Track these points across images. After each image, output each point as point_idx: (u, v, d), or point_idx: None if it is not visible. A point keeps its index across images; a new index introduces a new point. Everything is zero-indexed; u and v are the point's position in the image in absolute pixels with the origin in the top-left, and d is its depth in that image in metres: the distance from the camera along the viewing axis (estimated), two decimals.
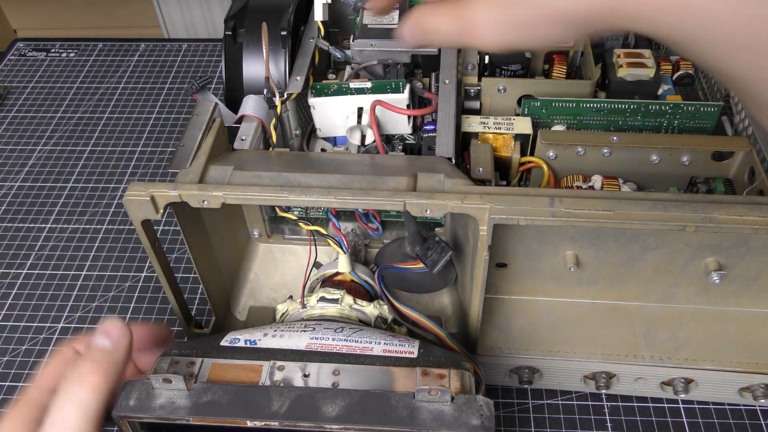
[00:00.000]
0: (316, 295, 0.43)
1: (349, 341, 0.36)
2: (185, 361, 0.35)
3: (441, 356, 0.35)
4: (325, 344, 0.36)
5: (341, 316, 0.42)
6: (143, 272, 0.59)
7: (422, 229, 0.50)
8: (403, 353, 0.35)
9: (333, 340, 0.36)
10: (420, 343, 0.37)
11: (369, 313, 0.43)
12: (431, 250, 0.45)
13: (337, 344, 0.36)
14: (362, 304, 0.43)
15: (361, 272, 0.47)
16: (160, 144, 0.72)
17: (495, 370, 0.47)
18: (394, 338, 0.37)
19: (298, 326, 0.38)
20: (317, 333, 0.37)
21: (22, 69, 0.83)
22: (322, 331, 0.37)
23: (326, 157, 0.47)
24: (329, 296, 0.43)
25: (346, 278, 0.46)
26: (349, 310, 0.42)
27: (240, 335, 0.37)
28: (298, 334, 0.37)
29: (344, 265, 0.46)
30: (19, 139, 0.74)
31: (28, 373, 0.52)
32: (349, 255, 0.46)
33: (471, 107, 0.53)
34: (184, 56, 0.84)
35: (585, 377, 0.47)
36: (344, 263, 0.46)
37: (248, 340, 0.37)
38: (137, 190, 0.38)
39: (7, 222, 0.65)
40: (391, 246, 0.50)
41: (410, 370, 0.34)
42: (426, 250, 0.46)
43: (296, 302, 0.43)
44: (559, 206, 0.37)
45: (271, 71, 0.51)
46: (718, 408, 0.48)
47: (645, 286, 0.45)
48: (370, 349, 0.36)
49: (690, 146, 0.46)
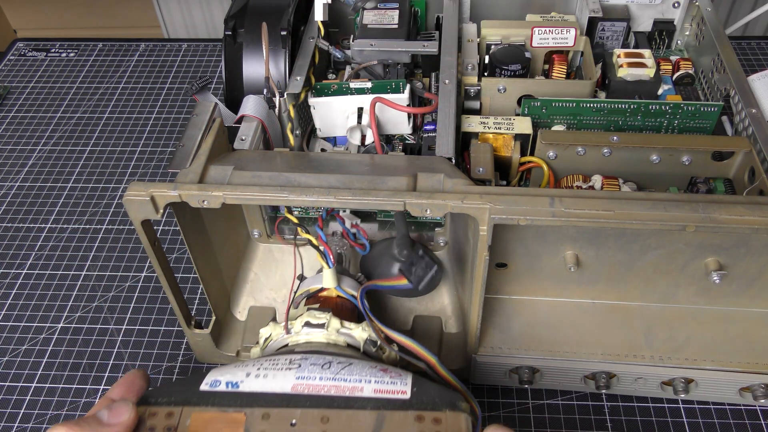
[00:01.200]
0: (301, 319, 0.40)
1: (338, 380, 0.34)
2: (163, 412, 0.32)
3: (435, 396, 0.33)
4: (312, 385, 0.33)
5: (328, 342, 0.40)
6: (143, 272, 0.59)
7: (422, 229, 0.50)
8: (396, 393, 0.33)
9: (320, 379, 0.34)
10: (412, 379, 0.34)
11: (357, 336, 0.40)
12: (415, 265, 0.44)
13: (325, 384, 0.33)
14: (350, 327, 0.40)
15: (347, 286, 0.44)
16: (160, 144, 0.72)
17: (495, 370, 0.47)
18: (385, 373, 0.35)
19: (282, 362, 0.35)
20: (303, 371, 0.34)
21: (22, 69, 0.83)
22: (308, 368, 0.35)
23: (326, 157, 0.47)
24: (315, 321, 0.40)
25: (332, 294, 0.44)
26: (336, 335, 0.40)
27: (221, 376, 0.34)
28: (283, 373, 0.34)
29: (329, 280, 0.44)
30: (19, 139, 0.74)
31: (28, 373, 0.52)
32: (335, 269, 0.44)
33: (471, 107, 0.53)
34: (184, 56, 0.84)
35: (585, 377, 0.47)
36: (329, 278, 0.44)
37: (230, 383, 0.34)
38: (137, 190, 0.38)
39: (7, 222, 0.65)
40: (379, 246, 0.49)
41: (404, 414, 0.32)
42: (410, 265, 0.44)
43: (280, 326, 0.41)
44: (559, 206, 0.37)
45: (271, 71, 0.51)
46: (718, 408, 0.48)
47: (645, 286, 0.45)
48: (360, 389, 0.33)
49: (690, 146, 0.46)
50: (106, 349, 0.54)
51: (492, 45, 0.56)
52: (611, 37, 0.60)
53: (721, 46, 0.53)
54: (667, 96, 0.53)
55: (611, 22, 0.59)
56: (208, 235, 0.46)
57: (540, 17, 0.60)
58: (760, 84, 0.50)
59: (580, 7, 0.61)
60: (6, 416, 0.50)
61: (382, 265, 0.48)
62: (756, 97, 0.49)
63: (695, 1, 0.59)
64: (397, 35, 0.54)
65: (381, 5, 0.56)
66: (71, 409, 0.50)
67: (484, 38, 0.57)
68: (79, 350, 0.54)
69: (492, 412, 0.48)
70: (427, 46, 0.52)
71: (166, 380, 0.51)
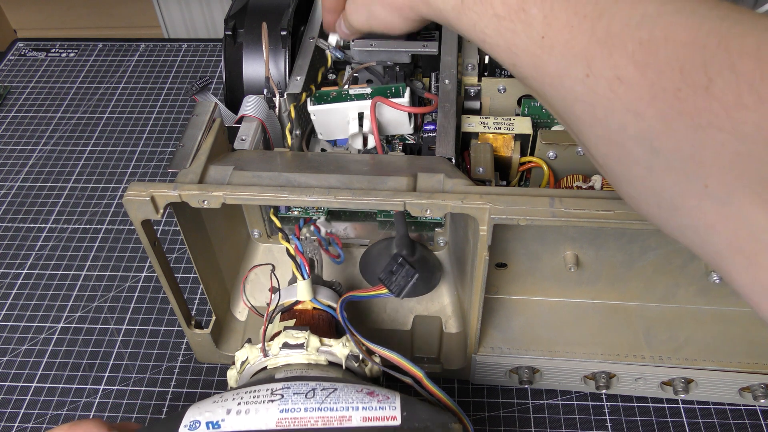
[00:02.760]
0: (279, 339, 0.39)
1: (324, 410, 0.32)
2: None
3: (426, 419, 0.32)
4: (297, 418, 0.32)
5: (309, 363, 0.38)
6: (143, 272, 0.59)
7: (422, 229, 0.50)
8: (385, 419, 0.32)
9: (306, 410, 0.32)
10: (401, 401, 0.33)
11: (339, 353, 0.39)
12: (395, 274, 0.42)
13: (311, 417, 0.32)
14: (330, 344, 0.39)
15: (323, 297, 0.43)
16: (160, 144, 0.72)
17: (495, 370, 0.47)
18: (373, 397, 0.33)
19: (263, 394, 0.34)
20: (287, 402, 0.33)
21: (22, 69, 0.83)
22: (291, 399, 0.33)
23: (326, 157, 0.47)
24: (293, 341, 0.38)
25: (308, 306, 0.43)
26: (317, 354, 0.38)
27: (201, 415, 0.33)
28: (266, 406, 0.33)
29: (305, 292, 0.42)
30: (19, 139, 0.74)
31: (28, 373, 0.52)
32: (310, 280, 0.42)
33: (471, 107, 0.53)
34: (184, 56, 0.84)
35: (585, 377, 0.47)
36: (304, 291, 0.42)
37: (210, 423, 0.32)
38: (137, 190, 0.38)
39: (7, 222, 0.65)
40: (378, 246, 0.49)
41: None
42: (389, 274, 0.42)
43: (257, 348, 0.39)
44: (559, 206, 0.37)
45: (271, 71, 0.51)
46: (718, 408, 0.48)
47: (645, 286, 0.45)
48: (348, 419, 0.32)
49: None
50: (106, 349, 0.54)
51: None
52: None
53: None
54: None
55: None
56: (208, 235, 0.46)
57: None
58: None
59: None
60: (6, 416, 0.50)
61: (380, 264, 0.48)
62: None
63: None
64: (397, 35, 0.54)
65: None
66: (71, 409, 0.50)
67: None
68: (79, 350, 0.54)
69: (492, 412, 0.48)
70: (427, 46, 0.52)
71: (166, 380, 0.51)
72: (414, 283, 0.42)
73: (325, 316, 0.43)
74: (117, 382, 0.51)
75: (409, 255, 0.45)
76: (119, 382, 0.51)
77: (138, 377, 0.52)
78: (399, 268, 0.42)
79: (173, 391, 0.51)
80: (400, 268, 0.42)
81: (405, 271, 0.42)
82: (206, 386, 0.51)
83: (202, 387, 0.51)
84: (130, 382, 0.52)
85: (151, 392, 0.51)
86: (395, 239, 0.47)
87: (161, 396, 0.50)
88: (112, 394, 0.51)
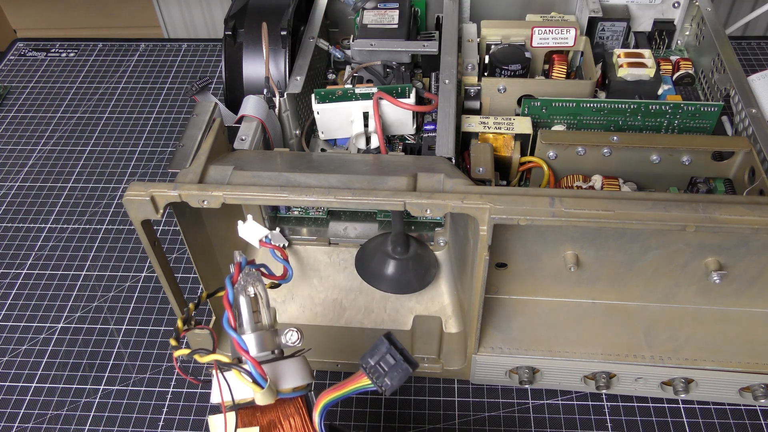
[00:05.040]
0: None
1: None
2: None
3: None
4: None
5: None
6: (143, 272, 0.59)
7: (422, 229, 0.50)
8: None
9: None
10: None
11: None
12: (382, 367, 0.33)
13: None
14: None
15: (287, 378, 0.35)
16: (160, 144, 0.72)
17: (495, 370, 0.47)
18: None
19: None
20: None
21: (22, 69, 0.83)
22: None
23: (326, 157, 0.47)
24: None
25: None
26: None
27: None
28: None
29: (263, 399, 0.34)
30: (19, 139, 0.74)
31: (28, 373, 0.52)
32: (269, 386, 0.34)
33: (471, 107, 0.53)
34: (184, 56, 0.84)
35: (585, 377, 0.47)
36: (263, 398, 0.34)
37: None
38: (137, 190, 0.38)
39: (7, 222, 0.65)
40: (374, 242, 0.49)
41: None
42: (376, 368, 0.33)
43: None
44: (559, 206, 0.37)
45: (271, 71, 0.51)
46: (718, 408, 0.48)
47: (645, 286, 0.45)
48: None
49: (690, 146, 0.46)
50: (106, 349, 0.54)
51: (492, 45, 0.56)
52: (611, 37, 0.60)
53: (721, 46, 0.53)
54: (667, 96, 0.53)
55: (611, 22, 0.59)
56: (208, 235, 0.46)
57: (540, 17, 0.60)
58: (760, 84, 0.50)
59: (580, 7, 0.61)
60: (6, 416, 0.50)
61: (375, 261, 0.48)
62: (756, 97, 0.49)
63: (695, 1, 0.59)
64: (397, 35, 0.54)
65: (381, 5, 0.56)
66: (71, 409, 0.50)
67: (484, 38, 0.57)
68: (79, 350, 0.54)
69: (492, 412, 0.48)
70: (427, 46, 0.53)
71: (166, 380, 0.51)
72: (403, 380, 0.34)
73: (295, 405, 0.35)
74: (117, 382, 0.51)
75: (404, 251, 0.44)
76: (119, 382, 0.51)
77: (138, 377, 0.52)
78: (386, 361, 0.33)
79: (173, 391, 0.51)
80: (389, 360, 0.33)
81: (395, 367, 0.33)
82: (206, 386, 0.51)
83: (202, 387, 0.51)
84: (130, 382, 0.51)
85: (151, 392, 0.51)
86: (391, 236, 0.47)
87: (161, 396, 0.50)
88: (112, 394, 0.51)
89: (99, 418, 0.49)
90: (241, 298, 0.37)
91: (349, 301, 0.50)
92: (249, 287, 0.37)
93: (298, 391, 0.35)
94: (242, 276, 0.37)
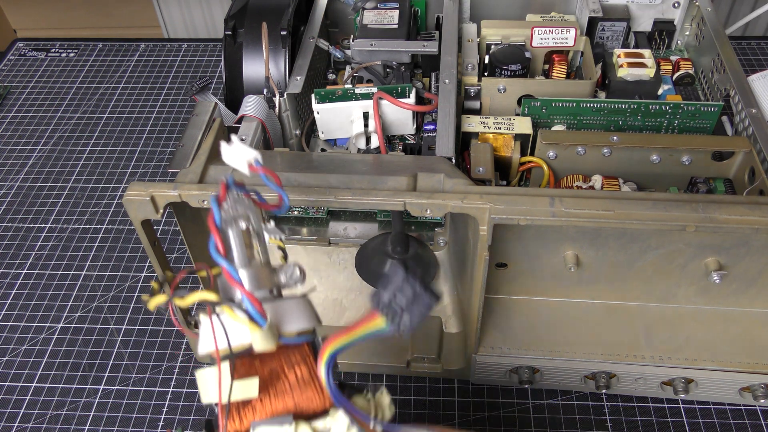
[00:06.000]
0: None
1: None
2: None
3: None
4: None
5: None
6: (143, 272, 0.59)
7: (422, 229, 0.50)
8: None
9: None
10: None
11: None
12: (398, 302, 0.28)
13: None
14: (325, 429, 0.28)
15: (290, 324, 0.30)
16: (160, 144, 0.72)
17: (495, 370, 0.47)
18: None
19: None
20: None
21: (22, 69, 0.83)
22: None
23: (326, 157, 0.47)
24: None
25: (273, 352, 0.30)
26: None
27: None
28: None
29: (263, 343, 0.29)
30: (19, 139, 0.74)
31: (28, 373, 0.52)
32: (269, 326, 0.29)
33: (471, 107, 0.53)
34: (184, 56, 0.84)
35: (585, 377, 0.47)
36: (262, 341, 0.28)
37: None
38: (137, 190, 0.38)
39: (7, 222, 0.65)
40: (375, 242, 0.49)
41: None
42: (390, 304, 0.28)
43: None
44: (559, 206, 0.37)
45: (271, 71, 0.51)
46: (718, 408, 0.48)
47: (645, 286, 0.45)
48: None
49: (690, 146, 0.46)
50: (106, 349, 0.54)
51: (492, 45, 0.56)
52: (611, 37, 0.60)
53: (721, 46, 0.53)
54: (667, 96, 0.53)
55: (611, 22, 0.59)
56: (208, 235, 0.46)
57: (540, 17, 0.60)
58: (760, 84, 0.50)
59: (580, 7, 0.61)
60: (6, 416, 0.50)
61: (375, 261, 0.48)
62: (756, 97, 0.49)
63: (695, 1, 0.59)
64: (397, 35, 0.54)
65: (381, 5, 0.56)
66: (71, 409, 0.50)
67: (484, 38, 0.57)
68: (79, 350, 0.54)
69: (492, 412, 0.48)
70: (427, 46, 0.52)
71: (166, 380, 0.51)
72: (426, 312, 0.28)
73: (302, 353, 0.30)
74: (117, 382, 0.51)
75: (404, 251, 0.44)
76: (119, 382, 0.51)
77: (138, 377, 0.52)
78: (407, 292, 0.27)
79: (173, 391, 0.51)
80: (408, 291, 0.27)
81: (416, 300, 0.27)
82: None
83: None
84: (130, 382, 0.51)
85: (151, 392, 0.51)
86: (390, 236, 0.47)
87: (161, 396, 0.50)
88: (112, 394, 0.51)
89: (99, 418, 0.49)
90: (229, 230, 0.30)
91: (349, 301, 0.50)
92: (240, 220, 0.31)
93: (303, 336, 0.30)
94: (231, 202, 0.31)
